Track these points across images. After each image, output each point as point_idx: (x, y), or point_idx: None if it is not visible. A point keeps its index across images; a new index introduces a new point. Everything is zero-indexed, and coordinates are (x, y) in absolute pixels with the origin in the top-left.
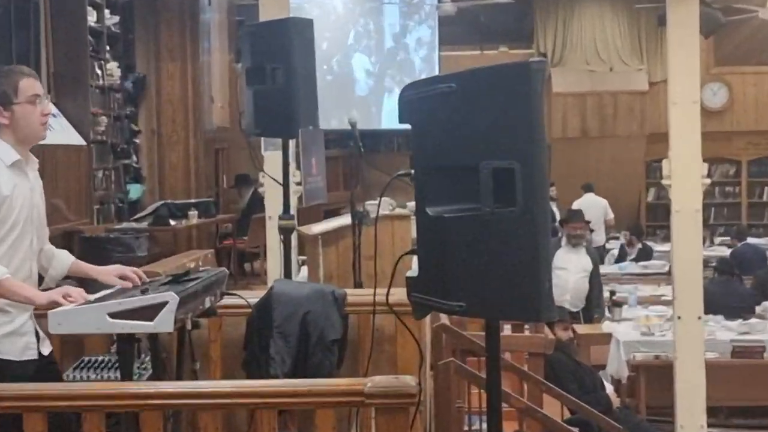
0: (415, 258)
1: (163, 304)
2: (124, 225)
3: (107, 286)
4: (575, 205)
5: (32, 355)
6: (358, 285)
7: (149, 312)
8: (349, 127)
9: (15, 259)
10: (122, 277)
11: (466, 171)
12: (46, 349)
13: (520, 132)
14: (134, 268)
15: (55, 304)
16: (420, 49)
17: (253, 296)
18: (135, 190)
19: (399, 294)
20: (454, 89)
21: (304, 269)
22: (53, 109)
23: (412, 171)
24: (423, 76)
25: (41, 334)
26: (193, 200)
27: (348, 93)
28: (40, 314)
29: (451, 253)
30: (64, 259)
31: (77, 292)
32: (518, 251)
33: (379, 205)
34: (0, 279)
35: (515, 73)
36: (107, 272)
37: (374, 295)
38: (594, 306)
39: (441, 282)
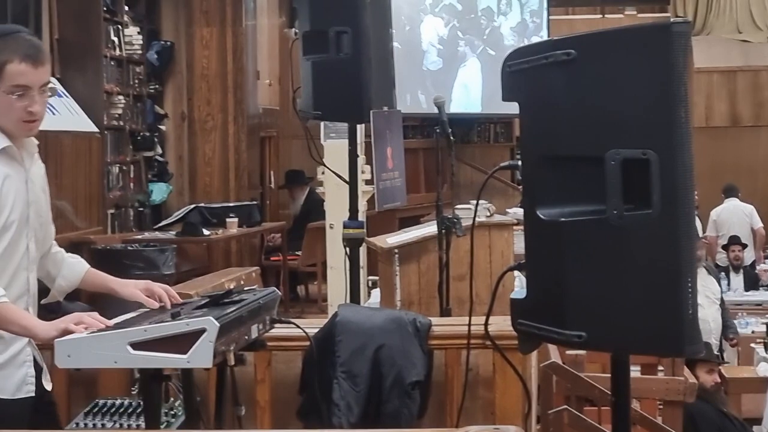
0: (518, 276)
1: (200, 333)
2: (146, 235)
3: (126, 308)
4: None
5: (30, 391)
6: (445, 312)
7: (182, 342)
8: (434, 110)
9: (7, 270)
10: (149, 295)
11: (588, 162)
12: (49, 384)
13: (658, 112)
14: (165, 286)
15: (64, 334)
16: (524, 10)
17: (311, 326)
18: (159, 191)
19: (499, 323)
20: (573, 57)
21: (376, 292)
22: (58, 88)
23: (519, 163)
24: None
25: (43, 365)
26: (232, 204)
27: (417, 66)
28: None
29: (569, 268)
30: (77, 268)
31: (92, 320)
32: (654, 266)
33: (476, 210)
34: None
35: (652, 36)
36: (133, 286)
37: (469, 324)
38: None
39: (555, 306)
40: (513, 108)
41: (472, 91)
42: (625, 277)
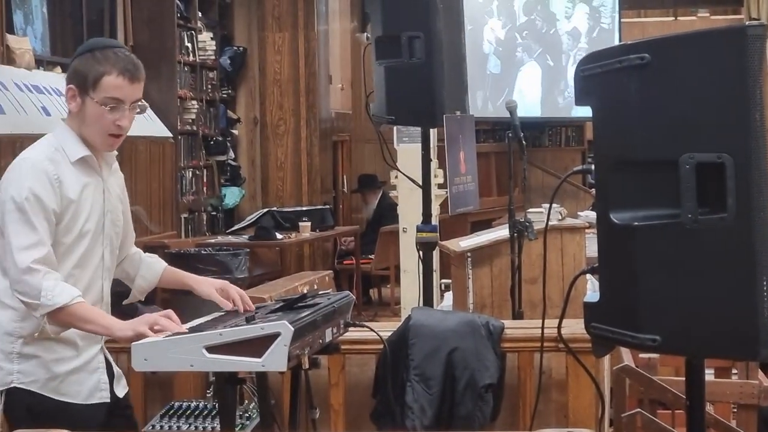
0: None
1: (275, 337)
2: (219, 239)
3: (200, 312)
4: None
5: (103, 397)
6: (517, 315)
7: (257, 346)
8: (505, 114)
9: (83, 277)
10: (224, 296)
11: (662, 166)
12: (122, 390)
13: (733, 116)
14: (241, 291)
15: (140, 337)
16: (595, 12)
17: (385, 329)
18: (232, 195)
19: (572, 326)
20: (647, 61)
21: (448, 296)
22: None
23: (592, 167)
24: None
25: (116, 371)
26: (305, 207)
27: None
28: (118, 348)
29: (643, 272)
30: (156, 267)
31: (168, 321)
32: (729, 270)
33: (549, 214)
34: (70, 304)
35: (727, 39)
36: (209, 285)
37: (542, 327)
38: None
39: (629, 309)
40: (569, 112)
41: (528, 96)
42: (700, 280)
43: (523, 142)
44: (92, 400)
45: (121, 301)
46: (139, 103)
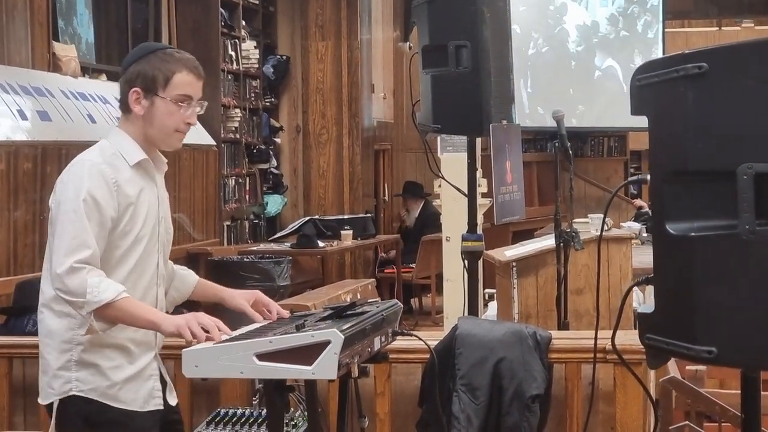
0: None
1: (325, 345)
2: (262, 246)
3: (242, 321)
4: None
5: (158, 404)
6: (563, 326)
7: (307, 354)
8: (553, 124)
9: (140, 283)
10: (255, 305)
11: (719, 176)
12: (173, 399)
13: None
14: (271, 301)
15: (181, 335)
16: (638, 20)
17: (430, 338)
18: (274, 203)
19: (619, 338)
20: (705, 71)
21: (493, 305)
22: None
23: (647, 177)
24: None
25: (168, 380)
26: (346, 216)
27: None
28: (168, 355)
29: (699, 282)
30: (189, 279)
31: (211, 322)
32: None
33: (602, 224)
34: (116, 299)
35: None
36: (240, 297)
37: (595, 338)
38: None
39: (684, 320)
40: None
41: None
42: (757, 292)
43: (570, 152)
44: (148, 407)
45: None
46: (202, 101)
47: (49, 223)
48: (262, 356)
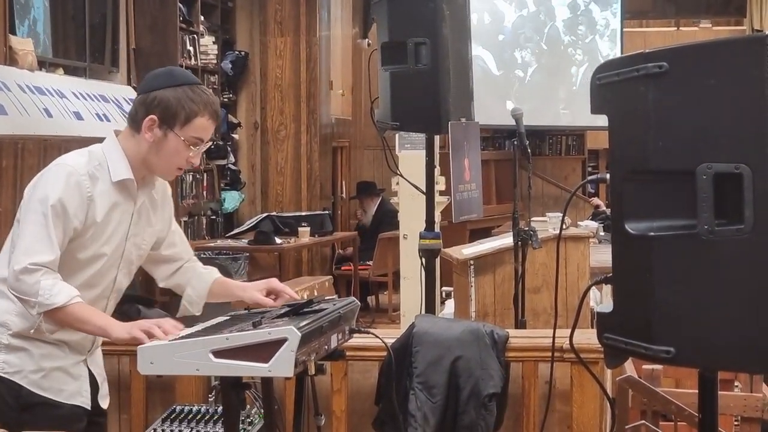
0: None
1: (282, 342)
2: (219, 243)
3: (207, 316)
4: None
5: (84, 402)
6: (520, 324)
7: (263, 351)
8: (507, 122)
9: (88, 296)
10: (271, 293)
11: (679, 176)
12: (105, 403)
13: (751, 126)
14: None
15: (135, 341)
16: (596, 23)
17: (387, 336)
18: (232, 199)
19: (578, 337)
20: (665, 70)
21: (450, 303)
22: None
23: (607, 176)
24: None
25: (101, 384)
26: (304, 213)
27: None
28: (120, 351)
29: (658, 282)
30: (206, 278)
31: (168, 327)
32: (745, 282)
33: (562, 221)
34: (68, 303)
35: (747, 49)
36: (253, 289)
37: (553, 337)
38: None
39: (643, 320)
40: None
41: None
42: (716, 292)
43: (529, 150)
44: (73, 401)
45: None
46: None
47: (20, 209)
48: (218, 353)
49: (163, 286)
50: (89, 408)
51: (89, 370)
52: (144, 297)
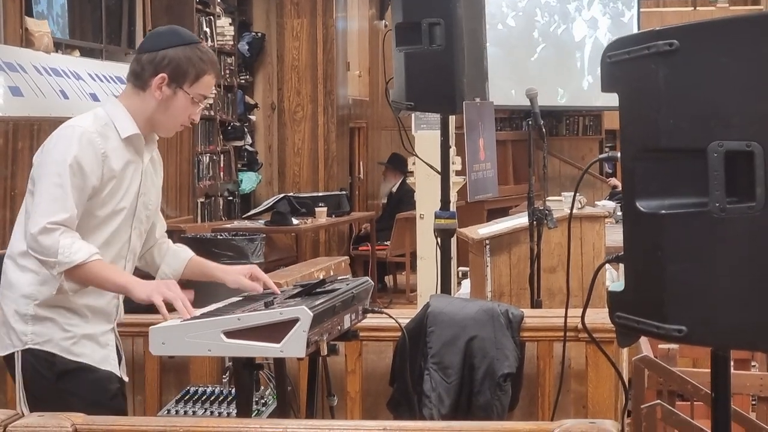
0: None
1: (293, 322)
2: (235, 224)
3: (217, 297)
4: None
5: (113, 368)
6: (536, 304)
7: (275, 331)
8: (524, 102)
9: (107, 255)
10: (254, 280)
11: (690, 154)
12: (125, 375)
13: (763, 104)
14: (266, 277)
15: (152, 302)
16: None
17: (402, 316)
18: (249, 180)
19: (592, 316)
20: (676, 48)
21: (466, 283)
22: None
23: (618, 155)
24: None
25: (122, 355)
26: (321, 193)
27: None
28: (135, 332)
29: (669, 261)
30: (181, 255)
31: (183, 302)
32: (757, 260)
33: (573, 202)
34: (87, 260)
35: (758, 26)
36: (236, 272)
37: (565, 316)
38: None
39: (655, 299)
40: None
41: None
42: (727, 270)
43: (544, 130)
44: (104, 366)
45: None
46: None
47: (30, 179)
48: (230, 334)
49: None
50: (119, 375)
51: (116, 340)
52: None
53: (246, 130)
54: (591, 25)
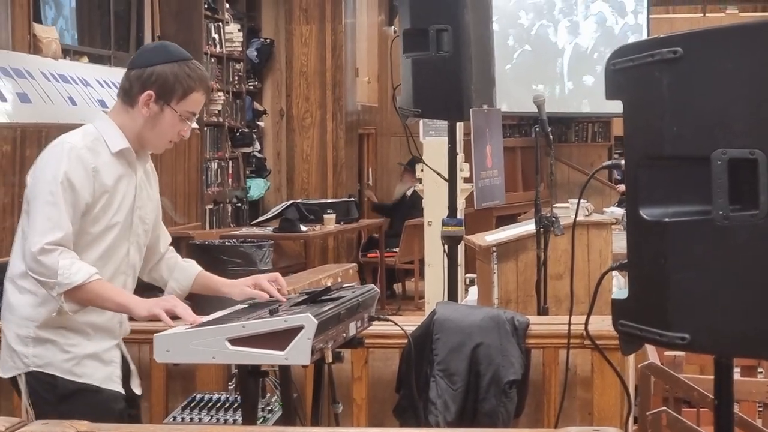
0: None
1: (298, 330)
2: (244, 230)
3: (222, 305)
4: None
5: (118, 387)
6: (543, 311)
7: (280, 339)
8: (532, 109)
9: (106, 271)
10: (258, 289)
11: (693, 162)
12: (138, 388)
13: (767, 112)
14: (275, 274)
15: (154, 318)
16: (621, 7)
17: (409, 323)
18: (257, 187)
19: (597, 323)
20: (680, 55)
21: (473, 290)
22: None
23: (622, 162)
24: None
25: (133, 368)
26: (329, 200)
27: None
28: (141, 339)
29: (673, 269)
30: (190, 271)
31: (184, 308)
32: (760, 268)
33: (577, 209)
34: (87, 281)
35: (761, 34)
36: (241, 284)
37: (569, 324)
38: None
39: (658, 307)
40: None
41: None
42: (731, 278)
43: (551, 137)
44: (108, 385)
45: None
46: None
47: (24, 199)
48: (234, 341)
49: (144, 278)
50: (123, 393)
51: (122, 355)
52: None
53: (254, 136)
54: (571, 31)
